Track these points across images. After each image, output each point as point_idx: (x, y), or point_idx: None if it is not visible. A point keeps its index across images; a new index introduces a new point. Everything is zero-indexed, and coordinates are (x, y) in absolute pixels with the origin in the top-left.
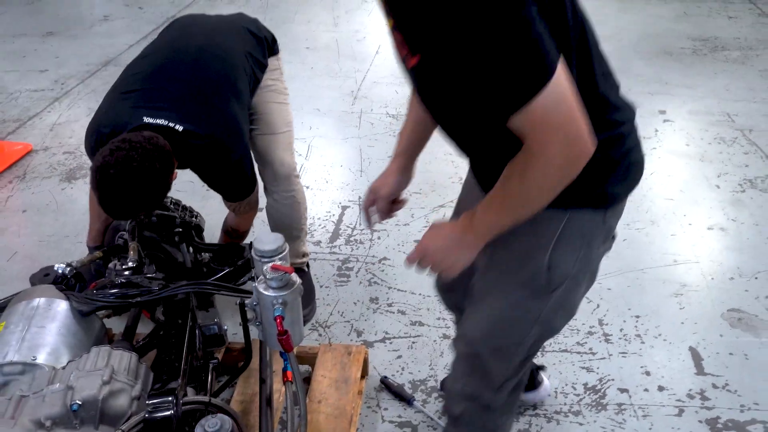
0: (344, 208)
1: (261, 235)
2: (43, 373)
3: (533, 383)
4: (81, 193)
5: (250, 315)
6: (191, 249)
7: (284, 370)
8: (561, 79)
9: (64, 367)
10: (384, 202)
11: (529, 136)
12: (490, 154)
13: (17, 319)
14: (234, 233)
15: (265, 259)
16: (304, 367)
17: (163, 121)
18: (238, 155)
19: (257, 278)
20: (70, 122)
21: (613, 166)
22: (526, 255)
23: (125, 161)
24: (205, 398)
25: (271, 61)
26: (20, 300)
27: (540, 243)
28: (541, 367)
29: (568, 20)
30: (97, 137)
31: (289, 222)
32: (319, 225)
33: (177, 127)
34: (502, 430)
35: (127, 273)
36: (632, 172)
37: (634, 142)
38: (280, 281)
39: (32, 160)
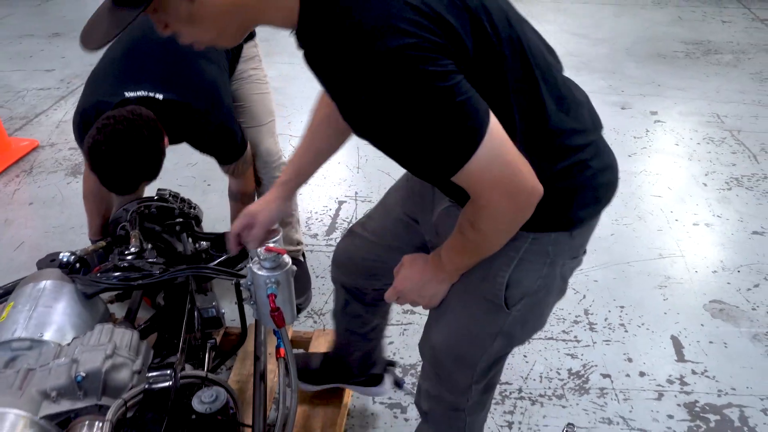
0: (341, 203)
1: None
2: (49, 348)
3: (378, 379)
4: None
5: (245, 294)
6: (190, 239)
7: (277, 348)
8: (493, 136)
9: (69, 344)
10: (261, 229)
11: (471, 192)
12: (444, 187)
13: (25, 299)
14: (244, 197)
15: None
16: (298, 351)
17: (143, 92)
18: (221, 118)
19: (252, 260)
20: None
21: (578, 191)
22: (487, 272)
23: (114, 135)
24: (202, 373)
25: (248, 49)
26: (28, 282)
27: (502, 261)
28: (392, 363)
29: (506, 62)
30: (82, 120)
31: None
32: (317, 219)
33: (158, 96)
34: (472, 426)
35: (129, 258)
36: (601, 193)
37: (601, 163)
38: (273, 262)
39: (38, 155)
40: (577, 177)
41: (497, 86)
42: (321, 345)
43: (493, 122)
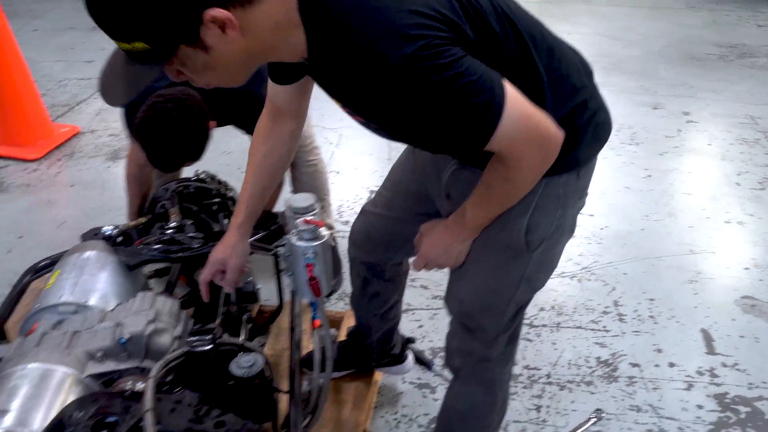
0: (371, 192)
1: (294, 195)
2: (93, 313)
3: (400, 358)
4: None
5: (282, 266)
6: (227, 219)
7: (312, 319)
8: (512, 100)
9: (112, 310)
10: (235, 273)
11: (502, 153)
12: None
13: (71, 267)
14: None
15: (298, 215)
16: (330, 330)
17: None
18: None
19: (290, 232)
20: (115, 108)
21: (580, 132)
22: (505, 222)
23: (162, 112)
24: (239, 341)
25: None
26: (73, 253)
27: (518, 210)
28: (410, 340)
29: (499, 36)
30: (130, 102)
31: (311, 191)
32: (348, 207)
33: None
34: (501, 378)
35: (169, 232)
36: (599, 132)
37: (597, 104)
38: (312, 233)
39: (79, 141)
40: (579, 118)
41: (499, 56)
42: (352, 324)
43: (508, 87)
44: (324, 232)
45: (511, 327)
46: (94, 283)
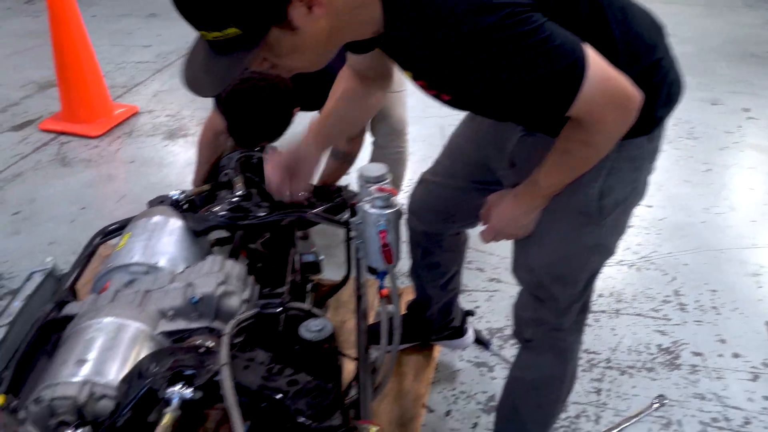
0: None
1: (366, 164)
2: (164, 274)
3: (460, 331)
4: (182, 149)
5: (353, 234)
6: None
7: (379, 288)
8: (592, 63)
9: (181, 272)
10: (305, 179)
11: (584, 117)
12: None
13: (140, 230)
14: (346, 157)
15: (371, 184)
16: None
17: None
18: None
19: (363, 200)
20: (172, 90)
21: (656, 91)
22: (576, 186)
23: (253, 88)
24: (307, 306)
25: None
26: (142, 217)
27: (590, 175)
28: (470, 312)
29: None
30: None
31: (394, 177)
32: (402, 192)
33: None
34: (572, 348)
35: (236, 199)
36: (673, 91)
37: (669, 63)
38: (385, 201)
39: (138, 120)
40: (653, 78)
41: (573, 15)
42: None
43: (589, 50)
44: (396, 200)
45: (584, 296)
46: (163, 246)
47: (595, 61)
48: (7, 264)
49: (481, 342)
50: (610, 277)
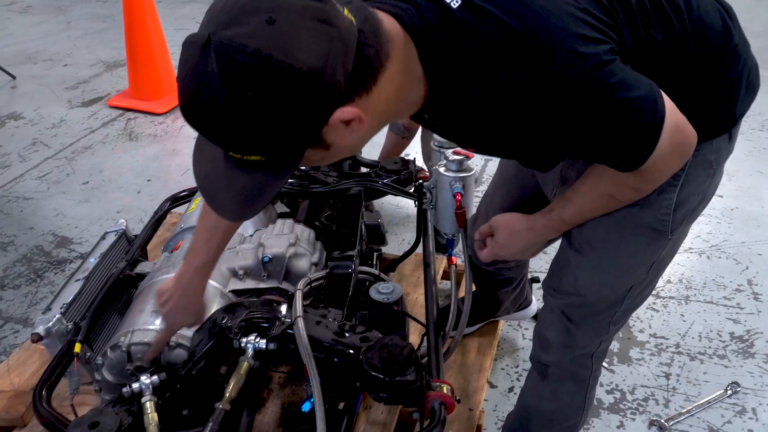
0: (487, 161)
1: None
2: (234, 236)
3: (525, 301)
4: None
5: (425, 199)
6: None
7: (448, 256)
8: (668, 116)
9: (251, 234)
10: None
11: (646, 167)
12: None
13: None
14: (406, 132)
15: (445, 148)
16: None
17: None
18: None
19: (438, 163)
20: None
21: (735, 84)
22: (652, 198)
23: None
24: (375, 271)
25: None
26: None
27: (667, 184)
28: (535, 279)
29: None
30: None
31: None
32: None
33: None
34: (596, 375)
35: (304, 168)
36: (752, 80)
37: (744, 46)
38: (461, 164)
39: None
40: (731, 69)
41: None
42: None
43: (666, 101)
44: (472, 164)
45: (626, 318)
46: None
47: (670, 113)
48: (77, 230)
49: None
50: (679, 264)
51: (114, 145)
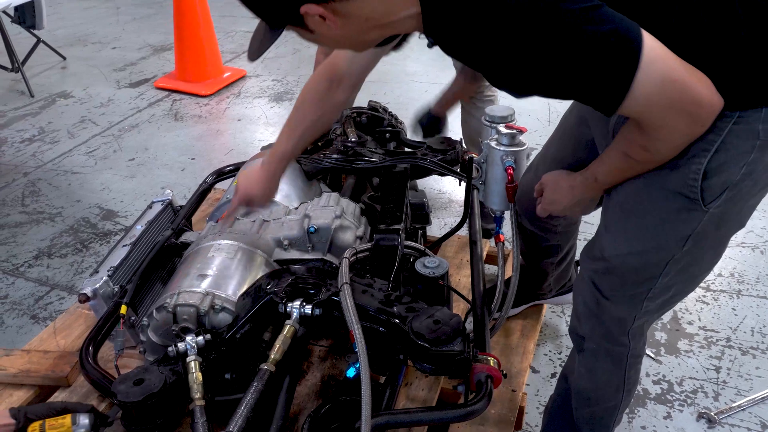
0: (532, 150)
1: (492, 106)
2: (279, 208)
3: (570, 285)
4: (287, 111)
5: (474, 174)
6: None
7: (496, 234)
8: (652, 56)
9: (296, 207)
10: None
11: (642, 121)
12: None
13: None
14: (476, 75)
15: (496, 123)
16: (493, 268)
17: None
18: None
19: (487, 140)
20: (277, 57)
21: None
22: (679, 159)
23: None
24: (421, 246)
25: None
26: (257, 158)
27: (698, 146)
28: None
29: None
30: None
31: (476, 136)
32: None
33: None
34: (634, 353)
35: (350, 144)
36: None
37: None
38: (513, 138)
39: (246, 83)
40: None
41: None
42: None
43: (649, 42)
44: (524, 140)
45: (665, 294)
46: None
47: (655, 55)
48: (122, 204)
49: None
50: (730, 258)
51: (159, 124)
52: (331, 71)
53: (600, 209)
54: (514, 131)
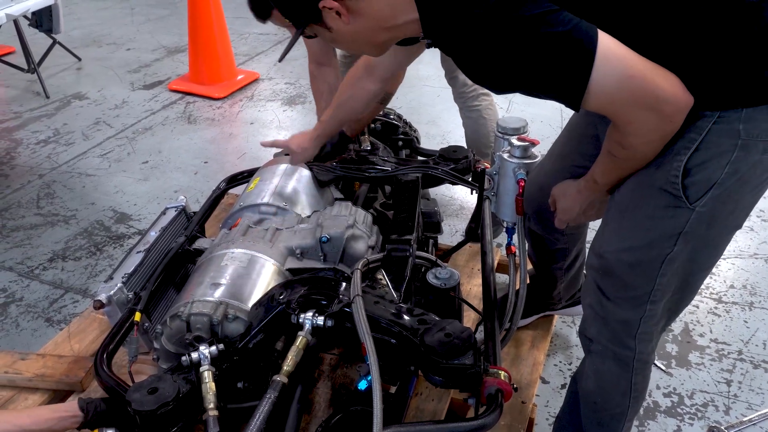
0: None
1: (505, 116)
2: (292, 216)
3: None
4: (299, 115)
5: (487, 185)
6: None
7: (507, 246)
8: (608, 55)
9: (309, 216)
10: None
11: (610, 115)
12: None
13: (270, 175)
14: (387, 96)
15: (509, 135)
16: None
17: None
18: None
19: (499, 152)
20: (290, 60)
21: (763, 38)
22: (663, 157)
23: None
24: (432, 257)
25: None
26: (270, 165)
27: (680, 145)
28: None
29: None
30: None
31: (476, 137)
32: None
33: None
34: (642, 358)
35: (362, 153)
36: None
37: None
38: (525, 151)
39: (259, 86)
40: (755, 23)
41: None
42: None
43: (604, 42)
44: (536, 152)
45: (667, 299)
46: (291, 191)
47: (611, 54)
48: (135, 207)
49: None
50: (743, 270)
51: (173, 127)
52: (368, 60)
53: None
54: (527, 143)
